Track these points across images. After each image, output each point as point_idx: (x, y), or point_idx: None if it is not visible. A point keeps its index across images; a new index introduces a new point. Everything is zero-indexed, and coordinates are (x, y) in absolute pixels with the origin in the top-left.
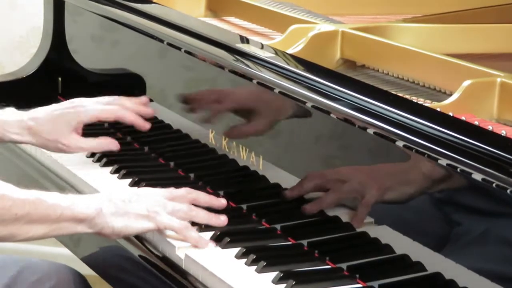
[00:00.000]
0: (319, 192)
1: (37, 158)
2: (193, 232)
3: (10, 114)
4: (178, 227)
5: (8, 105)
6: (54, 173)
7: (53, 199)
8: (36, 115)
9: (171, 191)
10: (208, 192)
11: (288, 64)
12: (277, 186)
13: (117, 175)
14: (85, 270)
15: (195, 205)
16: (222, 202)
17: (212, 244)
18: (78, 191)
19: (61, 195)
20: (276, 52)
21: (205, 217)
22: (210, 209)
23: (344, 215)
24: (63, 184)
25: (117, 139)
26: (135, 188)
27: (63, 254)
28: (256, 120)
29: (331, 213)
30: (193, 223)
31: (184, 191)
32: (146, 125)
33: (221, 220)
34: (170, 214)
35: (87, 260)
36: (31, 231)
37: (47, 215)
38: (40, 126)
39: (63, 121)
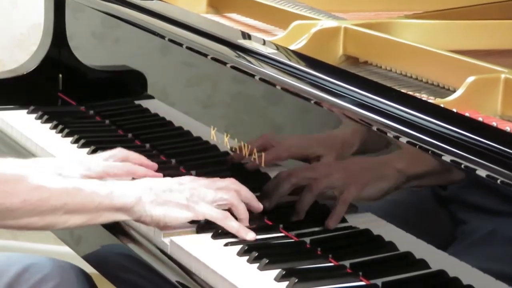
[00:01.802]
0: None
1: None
2: (233, 222)
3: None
4: (217, 216)
5: (8, 101)
6: None
7: (91, 188)
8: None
9: (215, 180)
10: None
11: (291, 60)
12: None
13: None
14: (87, 269)
15: None
16: (260, 206)
17: (252, 235)
18: None
19: (100, 182)
20: (279, 48)
21: (244, 212)
22: None
23: (346, 212)
24: None
25: (118, 136)
26: (177, 178)
27: (68, 253)
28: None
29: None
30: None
31: (228, 181)
32: (158, 174)
33: (249, 235)
34: (211, 203)
35: (88, 258)
36: (69, 220)
37: (85, 205)
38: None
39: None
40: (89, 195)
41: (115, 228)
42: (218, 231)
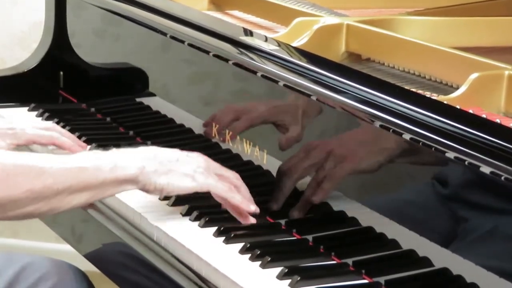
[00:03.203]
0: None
1: None
2: (236, 194)
3: None
4: (222, 188)
5: (9, 99)
6: None
7: (93, 164)
8: None
9: (221, 167)
10: None
11: (293, 57)
12: None
13: None
14: (87, 267)
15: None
16: (256, 209)
17: (253, 207)
18: None
19: (102, 155)
20: (280, 45)
21: (240, 201)
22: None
23: (349, 210)
24: None
25: (120, 134)
26: (185, 152)
27: (66, 251)
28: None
29: (336, 208)
30: (199, 216)
31: (233, 174)
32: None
33: (250, 220)
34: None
35: (90, 257)
36: (73, 200)
37: (89, 183)
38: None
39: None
40: (92, 173)
41: (117, 227)
42: (221, 229)
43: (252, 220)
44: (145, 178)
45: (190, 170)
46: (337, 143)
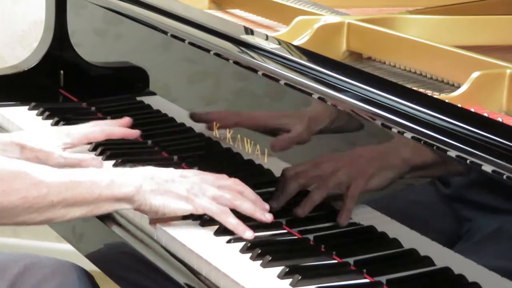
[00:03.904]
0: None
1: None
2: (232, 218)
3: None
4: (216, 211)
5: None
6: None
7: (90, 179)
8: (22, 133)
9: (219, 177)
10: None
11: (294, 56)
12: None
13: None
14: (88, 266)
15: None
16: (266, 206)
17: (250, 233)
18: None
19: (99, 171)
20: (281, 43)
21: (250, 208)
22: None
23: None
24: None
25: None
26: (180, 170)
27: (69, 250)
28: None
29: (337, 206)
30: (199, 216)
31: (232, 181)
32: (136, 133)
33: (266, 217)
34: (211, 199)
35: (91, 256)
36: (68, 214)
37: (84, 197)
38: (28, 142)
39: (51, 137)
40: (88, 187)
41: (118, 226)
42: (221, 228)
43: (249, 236)
44: (141, 198)
45: (185, 191)
46: (349, 160)
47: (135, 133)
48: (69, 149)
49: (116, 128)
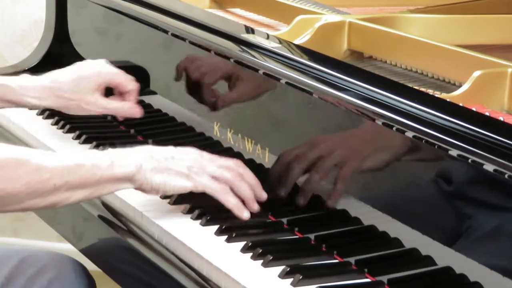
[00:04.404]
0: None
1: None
2: (231, 197)
3: (27, 78)
4: (216, 189)
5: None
6: None
7: (91, 161)
8: (57, 77)
9: (220, 158)
10: None
11: (295, 55)
12: None
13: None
14: (88, 265)
15: None
16: (263, 195)
17: (247, 214)
18: None
19: (99, 153)
20: (282, 42)
21: (247, 191)
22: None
23: (352, 209)
24: None
25: (120, 132)
26: (180, 147)
27: (67, 250)
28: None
29: (338, 206)
30: (200, 215)
31: (233, 162)
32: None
33: (256, 206)
34: (211, 177)
35: (90, 256)
36: (71, 197)
37: (87, 179)
38: (63, 86)
39: (86, 81)
40: (90, 169)
41: (118, 226)
42: (222, 227)
43: (246, 216)
44: (142, 177)
45: (185, 169)
46: (341, 140)
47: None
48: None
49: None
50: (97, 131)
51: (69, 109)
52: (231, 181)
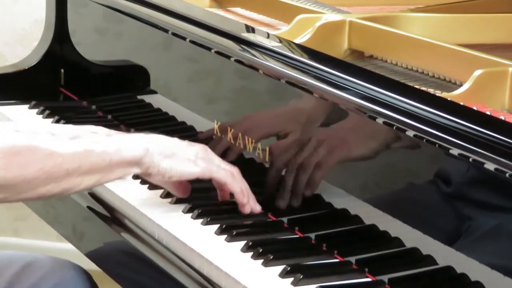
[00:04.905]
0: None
1: None
2: (237, 183)
3: None
4: (225, 174)
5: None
6: None
7: (100, 147)
8: None
9: (221, 160)
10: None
11: (295, 54)
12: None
13: None
14: (89, 266)
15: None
16: (258, 208)
17: (259, 206)
18: None
19: (107, 138)
20: (283, 41)
21: (247, 190)
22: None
23: (352, 208)
24: None
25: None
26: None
27: (67, 250)
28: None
29: (339, 205)
30: (201, 214)
31: (235, 169)
32: None
33: (257, 208)
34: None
35: (91, 255)
36: (83, 182)
37: (97, 164)
38: None
39: None
40: (99, 154)
41: (119, 225)
42: (223, 227)
43: (247, 210)
44: (149, 160)
45: (192, 155)
46: (340, 138)
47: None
48: None
49: None
50: None
51: None
52: (230, 179)
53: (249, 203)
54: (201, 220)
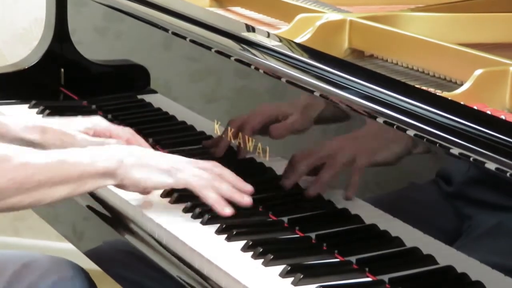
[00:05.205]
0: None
1: None
2: (212, 193)
3: (15, 117)
4: (197, 185)
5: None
6: None
7: (73, 157)
8: (46, 120)
9: (197, 160)
10: None
11: (295, 53)
12: None
13: None
14: (88, 265)
15: None
16: (248, 188)
17: (229, 210)
18: None
19: (81, 150)
20: (283, 41)
21: (228, 189)
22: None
23: (353, 207)
24: None
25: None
26: (159, 152)
27: (67, 249)
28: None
29: (339, 205)
30: (201, 213)
31: (211, 163)
32: None
33: (245, 199)
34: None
35: (90, 254)
36: (55, 193)
37: (69, 175)
38: (50, 124)
39: (73, 122)
40: (72, 165)
41: (118, 225)
42: (223, 226)
43: (228, 212)
44: (123, 172)
45: (166, 165)
46: (342, 140)
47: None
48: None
49: (140, 139)
50: None
51: (48, 143)
52: (210, 184)
53: (228, 209)
54: (201, 219)
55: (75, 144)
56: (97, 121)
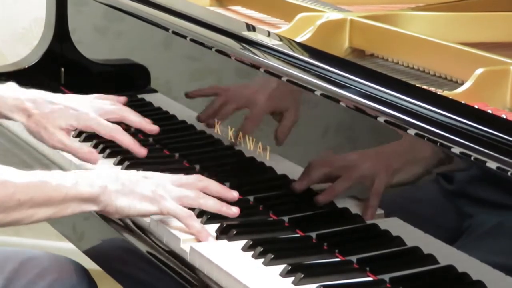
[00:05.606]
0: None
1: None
2: (196, 222)
3: (7, 90)
4: (181, 214)
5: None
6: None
7: (57, 180)
8: (35, 98)
9: (181, 177)
10: None
11: (296, 52)
12: (284, 177)
13: (120, 166)
14: (88, 264)
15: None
16: (233, 194)
17: (212, 239)
18: None
19: (65, 173)
20: (283, 40)
21: (214, 205)
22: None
23: (353, 207)
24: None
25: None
26: (142, 172)
27: (67, 249)
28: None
29: (340, 204)
30: (201, 213)
31: (195, 178)
32: (155, 128)
33: (233, 211)
34: (176, 200)
35: (90, 253)
36: (35, 214)
37: (51, 197)
38: (36, 110)
39: (59, 115)
40: (55, 187)
41: (119, 224)
42: (223, 226)
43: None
44: (107, 199)
45: (150, 192)
46: (374, 156)
47: (153, 128)
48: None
49: (134, 115)
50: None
51: (31, 130)
52: (195, 201)
53: (210, 237)
54: (201, 219)
55: (49, 142)
56: (82, 117)
